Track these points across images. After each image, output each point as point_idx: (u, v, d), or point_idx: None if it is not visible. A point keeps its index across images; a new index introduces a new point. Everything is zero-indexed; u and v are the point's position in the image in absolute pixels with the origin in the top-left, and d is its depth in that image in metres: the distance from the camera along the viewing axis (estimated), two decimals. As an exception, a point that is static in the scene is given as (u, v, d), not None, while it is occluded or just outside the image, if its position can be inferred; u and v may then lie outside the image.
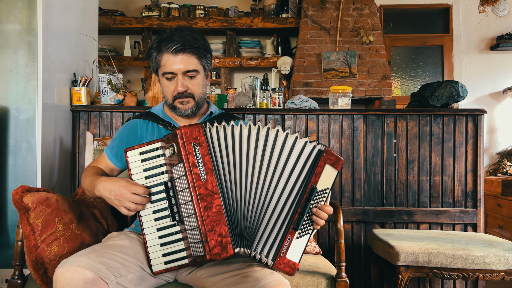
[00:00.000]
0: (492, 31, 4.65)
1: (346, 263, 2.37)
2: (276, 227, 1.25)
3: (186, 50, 1.41)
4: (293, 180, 1.26)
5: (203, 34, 1.49)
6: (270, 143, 1.25)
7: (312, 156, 1.27)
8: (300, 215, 1.24)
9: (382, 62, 4.17)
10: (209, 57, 1.49)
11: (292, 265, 1.25)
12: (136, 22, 4.50)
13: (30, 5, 2.04)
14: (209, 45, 1.51)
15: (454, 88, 2.36)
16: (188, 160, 1.20)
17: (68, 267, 1.12)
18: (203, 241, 1.17)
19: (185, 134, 1.22)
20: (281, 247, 1.23)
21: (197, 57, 1.44)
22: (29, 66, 2.04)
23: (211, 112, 1.57)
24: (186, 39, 1.41)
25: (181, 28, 1.46)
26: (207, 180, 1.20)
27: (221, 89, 4.47)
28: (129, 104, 2.47)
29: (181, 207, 1.25)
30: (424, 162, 2.41)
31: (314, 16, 4.31)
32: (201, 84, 1.49)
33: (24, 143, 2.04)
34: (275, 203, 1.25)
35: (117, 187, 1.27)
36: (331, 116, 2.43)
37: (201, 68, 1.46)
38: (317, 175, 1.25)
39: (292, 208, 1.25)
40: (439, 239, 1.96)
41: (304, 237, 1.28)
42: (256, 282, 1.16)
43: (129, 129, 1.55)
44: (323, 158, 1.26)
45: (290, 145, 1.26)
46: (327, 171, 1.27)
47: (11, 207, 2.02)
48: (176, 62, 1.42)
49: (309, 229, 1.29)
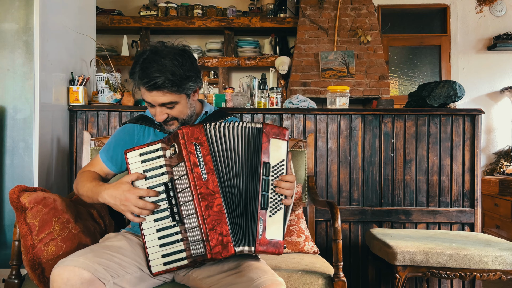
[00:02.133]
0: (489, 31, 4.66)
1: (344, 263, 2.36)
2: (249, 213, 1.25)
3: (159, 89, 1.31)
4: (250, 164, 1.27)
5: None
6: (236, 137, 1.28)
7: (253, 136, 1.29)
8: (264, 193, 1.25)
9: (380, 62, 4.18)
10: (193, 81, 1.37)
11: (275, 243, 1.24)
12: (134, 21, 4.49)
13: (27, 4, 2.03)
14: (193, 66, 1.38)
15: (452, 88, 2.36)
16: (190, 160, 1.20)
17: (65, 267, 1.11)
18: (204, 240, 1.17)
19: (186, 134, 1.22)
20: (257, 229, 1.23)
21: (174, 91, 1.33)
22: (26, 65, 2.04)
23: (206, 112, 1.57)
24: (162, 73, 1.30)
25: (162, 52, 1.33)
26: (208, 180, 1.20)
27: (219, 89, 4.47)
28: (126, 103, 2.46)
29: (181, 207, 1.25)
30: (422, 162, 2.41)
31: (312, 16, 4.31)
32: (184, 108, 1.40)
33: (21, 143, 2.03)
34: (248, 192, 1.26)
35: (122, 192, 1.27)
36: (329, 116, 2.43)
37: (181, 97, 1.37)
38: (265, 151, 1.27)
39: (255, 189, 1.26)
40: (436, 239, 1.96)
41: (278, 213, 1.27)
42: (251, 282, 1.16)
43: (126, 133, 1.53)
44: (264, 134, 1.28)
45: (245, 134, 1.29)
46: (275, 145, 1.29)
47: (8, 207, 2.01)
48: (151, 96, 1.34)
49: (281, 204, 1.29)
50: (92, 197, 1.36)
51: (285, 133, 1.31)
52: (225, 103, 2.64)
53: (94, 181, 1.39)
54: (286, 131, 1.31)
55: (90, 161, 1.57)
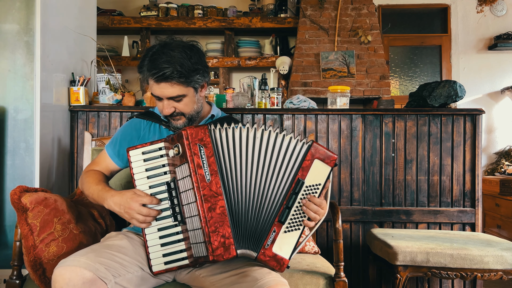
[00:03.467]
0: (490, 31, 4.66)
1: (345, 263, 2.37)
2: (264, 220, 1.24)
3: (167, 80, 1.34)
4: (281, 175, 1.25)
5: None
6: (264, 143, 1.26)
7: (298, 151, 1.26)
8: (286, 207, 1.24)
9: (381, 62, 4.18)
10: (200, 74, 1.39)
11: (279, 259, 1.23)
12: (134, 22, 4.50)
13: (28, 5, 2.03)
14: (201, 59, 1.41)
15: (452, 88, 2.36)
16: (193, 161, 1.20)
17: (67, 267, 1.12)
18: (206, 241, 1.17)
19: (190, 135, 1.22)
20: (266, 238, 1.22)
21: (182, 83, 1.36)
22: (27, 66, 2.04)
23: (213, 115, 1.57)
24: (171, 64, 1.32)
25: (170, 45, 1.37)
26: (212, 181, 1.20)
27: (220, 89, 4.47)
28: (127, 104, 2.46)
29: (183, 208, 1.25)
30: (423, 162, 2.41)
31: (313, 16, 4.31)
32: (191, 102, 1.42)
33: (22, 143, 2.04)
34: (268, 201, 1.25)
35: (125, 200, 1.27)
36: (330, 116, 2.43)
37: (188, 89, 1.39)
38: (305, 169, 1.25)
39: (279, 201, 1.25)
40: (437, 239, 1.96)
41: (293, 232, 1.25)
42: (255, 282, 1.16)
43: (132, 128, 1.54)
44: (310, 153, 1.25)
45: (280, 143, 1.26)
46: (317, 167, 1.25)
47: (9, 207, 2.01)
48: (159, 89, 1.36)
49: (300, 225, 1.26)
50: (97, 200, 1.38)
51: (332, 160, 1.26)
52: (225, 103, 2.64)
53: (101, 184, 1.40)
54: (333, 158, 1.26)
55: (96, 157, 1.57)
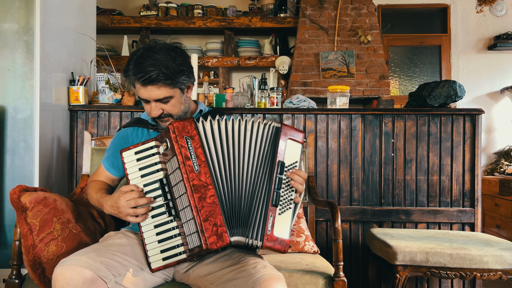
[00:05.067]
0: (489, 31, 4.66)
1: (344, 263, 2.36)
2: (259, 208, 1.27)
3: (154, 82, 1.34)
4: (263, 161, 1.30)
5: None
6: (248, 133, 1.31)
7: (269, 134, 1.32)
8: (276, 190, 1.28)
9: (380, 61, 4.18)
10: (186, 75, 1.40)
11: (282, 241, 1.26)
12: (134, 21, 4.49)
13: (28, 4, 2.03)
14: (186, 61, 1.42)
15: (452, 88, 2.36)
16: (181, 153, 1.23)
17: (67, 267, 1.12)
18: (198, 231, 1.19)
19: (177, 128, 1.25)
20: (266, 225, 1.25)
21: (168, 85, 1.36)
22: (27, 66, 2.04)
23: (201, 110, 1.59)
24: (156, 67, 1.32)
25: (155, 48, 1.37)
26: (200, 172, 1.23)
27: (219, 89, 4.47)
28: (127, 103, 2.46)
29: (176, 201, 1.27)
30: (422, 161, 2.41)
31: (312, 15, 4.31)
32: (178, 103, 1.43)
33: (21, 143, 2.03)
34: (257, 187, 1.28)
35: (114, 200, 1.31)
36: (329, 116, 2.43)
37: (175, 91, 1.40)
38: (282, 151, 1.31)
39: (268, 186, 1.28)
40: (436, 239, 1.96)
41: (286, 212, 1.29)
42: (250, 277, 1.17)
43: (121, 138, 1.57)
44: (282, 134, 1.31)
45: (256, 130, 1.32)
46: (291, 147, 1.33)
47: (8, 207, 2.01)
48: (146, 92, 1.37)
49: (290, 203, 1.31)
50: (99, 207, 1.43)
51: (301, 136, 1.35)
52: (225, 103, 2.64)
53: (99, 192, 1.44)
54: (302, 134, 1.35)
55: (96, 170, 1.62)
